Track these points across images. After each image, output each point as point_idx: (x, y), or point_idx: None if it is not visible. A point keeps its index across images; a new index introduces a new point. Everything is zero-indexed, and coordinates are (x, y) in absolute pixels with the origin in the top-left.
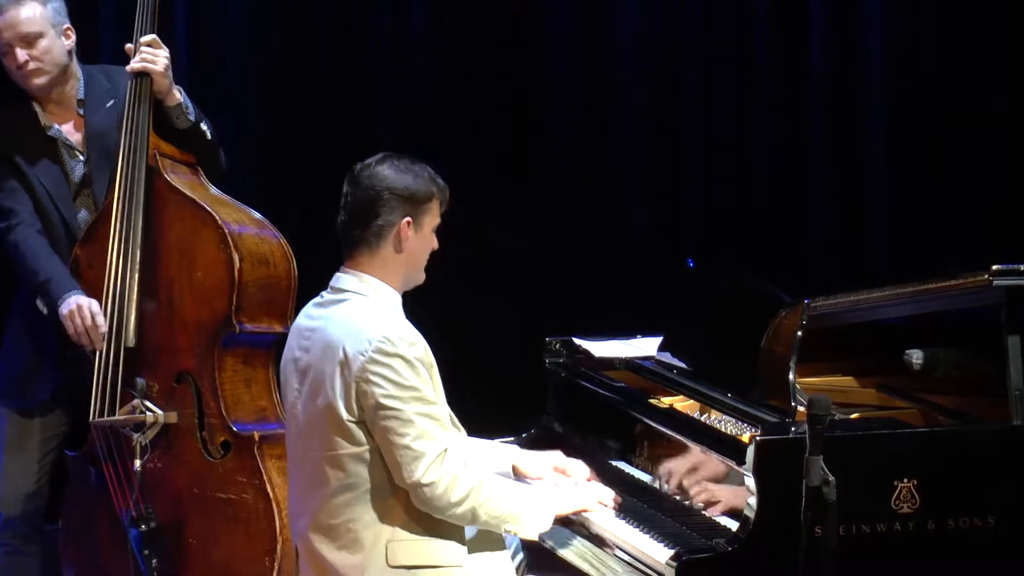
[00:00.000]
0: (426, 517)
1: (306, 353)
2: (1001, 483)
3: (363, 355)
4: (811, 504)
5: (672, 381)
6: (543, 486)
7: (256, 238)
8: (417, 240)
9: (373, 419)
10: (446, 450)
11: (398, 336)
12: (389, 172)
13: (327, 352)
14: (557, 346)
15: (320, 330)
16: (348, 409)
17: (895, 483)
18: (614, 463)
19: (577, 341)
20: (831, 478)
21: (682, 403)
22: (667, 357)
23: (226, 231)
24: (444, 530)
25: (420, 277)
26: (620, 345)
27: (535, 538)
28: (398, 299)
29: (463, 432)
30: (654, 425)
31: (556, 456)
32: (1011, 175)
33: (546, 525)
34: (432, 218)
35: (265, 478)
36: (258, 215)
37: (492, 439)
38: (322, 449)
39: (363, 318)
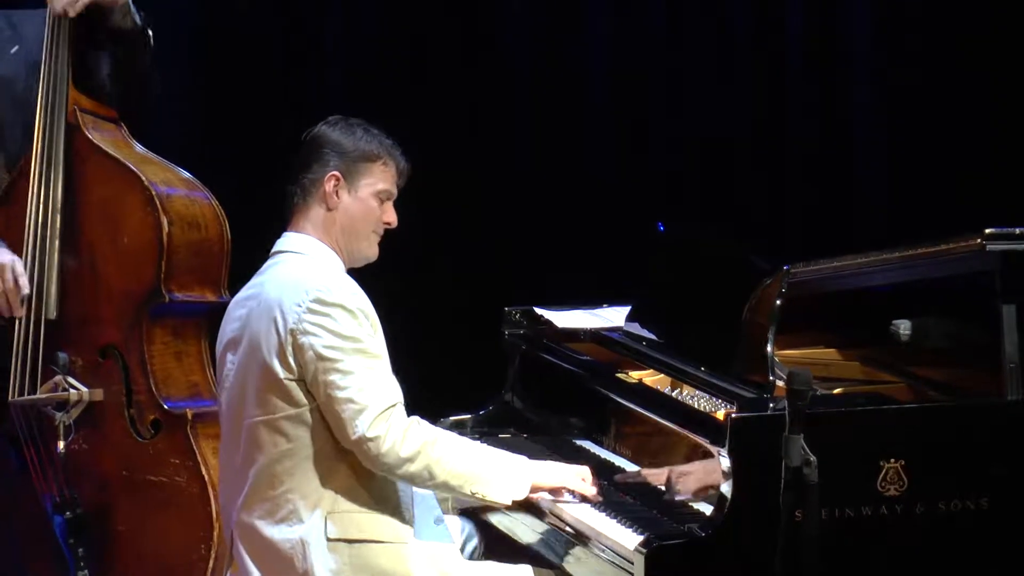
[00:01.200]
0: (371, 488)
1: (240, 322)
2: (995, 463)
3: (299, 305)
4: (791, 486)
5: (641, 354)
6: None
7: (186, 200)
8: (352, 202)
9: (313, 374)
10: (394, 404)
11: (337, 284)
12: (333, 131)
13: (263, 312)
14: (517, 316)
15: (255, 296)
16: (285, 366)
17: (881, 463)
18: (579, 442)
19: (539, 311)
20: (812, 458)
21: (652, 378)
22: (636, 328)
23: (153, 192)
24: (389, 504)
25: (367, 251)
26: (585, 315)
27: (507, 503)
28: (340, 264)
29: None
30: (622, 402)
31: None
32: (1001, 139)
33: (521, 492)
34: (374, 181)
35: (199, 459)
36: (187, 175)
37: (446, 417)
38: (258, 414)
39: (300, 272)
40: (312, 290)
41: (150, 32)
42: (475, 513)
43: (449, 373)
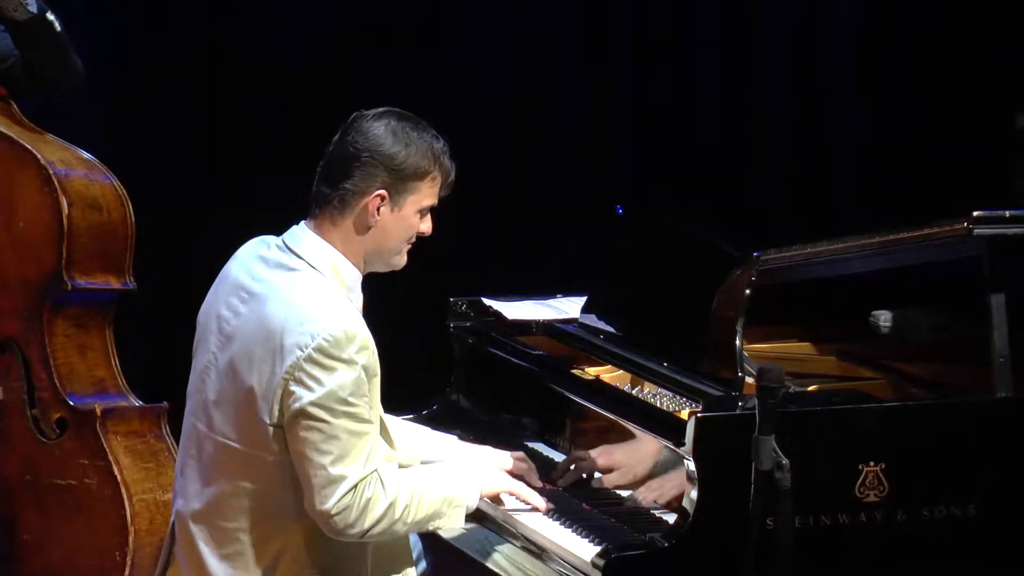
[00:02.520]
0: (326, 553)
1: (236, 317)
2: (983, 465)
3: (301, 350)
4: (761, 492)
5: (598, 348)
6: (461, 464)
7: (85, 180)
8: (393, 220)
9: (293, 423)
10: (368, 475)
11: (347, 337)
12: (382, 132)
13: (261, 331)
14: (463, 307)
15: (259, 298)
16: (268, 411)
17: (860, 467)
18: (531, 444)
19: (487, 301)
20: (785, 461)
21: (610, 374)
22: (592, 320)
23: (50, 172)
24: (344, 570)
25: (397, 262)
26: (537, 306)
27: (462, 526)
28: (358, 279)
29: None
30: (577, 400)
31: (499, 458)
32: (992, 118)
33: (473, 506)
34: (420, 198)
35: (111, 458)
36: (87, 155)
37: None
38: (228, 438)
39: (312, 303)
40: (319, 335)
41: (51, 17)
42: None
43: (388, 369)
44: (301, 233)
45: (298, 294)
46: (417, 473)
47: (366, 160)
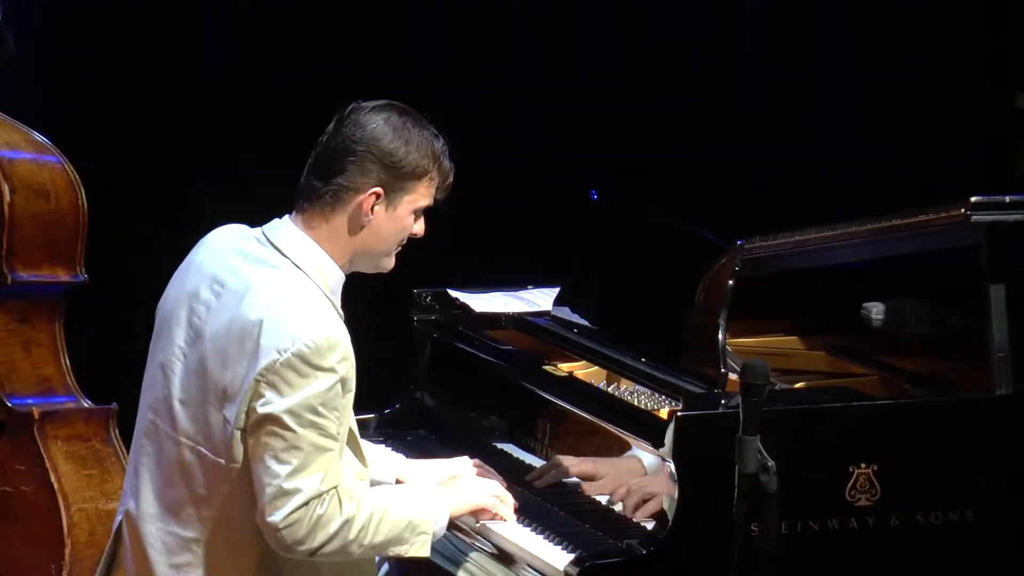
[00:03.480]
0: (288, 565)
1: (208, 311)
2: (982, 468)
3: (280, 352)
4: (746, 496)
5: (572, 343)
6: (424, 484)
7: (32, 164)
8: (387, 220)
9: (256, 428)
10: (323, 493)
11: (330, 345)
12: (381, 126)
13: (236, 329)
14: (428, 299)
15: (236, 294)
16: (235, 413)
17: (850, 469)
18: (500, 446)
19: (453, 293)
20: (771, 463)
21: (584, 370)
22: (565, 313)
23: None
24: None
25: (386, 265)
26: (507, 298)
27: (427, 555)
28: (340, 282)
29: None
30: (549, 398)
31: (441, 468)
32: (992, 95)
33: (440, 532)
34: (416, 199)
35: (49, 465)
36: (39, 137)
37: None
38: (193, 440)
39: (295, 305)
40: (300, 340)
41: None
42: None
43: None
44: (284, 227)
45: (280, 294)
46: (381, 493)
47: (363, 155)
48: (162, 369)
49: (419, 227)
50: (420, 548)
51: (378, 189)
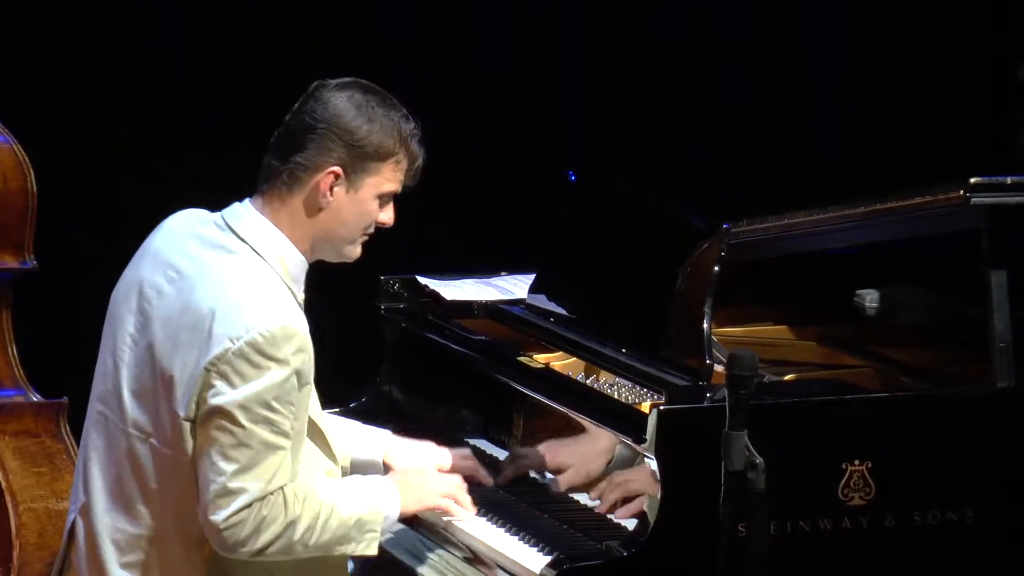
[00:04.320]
0: (244, 565)
1: (160, 297)
2: (982, 465)
3: (232, 341)
4: (732, 494)
5: (548, 333)
6: (378, 479)
7: None
8: (348, 202)
9: (205, 421)
10: (267, 496)
11: (285, 335)
12: (343, 104)
13: (189, 316)
14: (396, 287)
15: (190, 279)
16: (185, 403)
17: (843, 466)
18: (472, 441)
19: (422, 280)
20: (759, 460)
21: (561, 362)
22: (541, 301)
23: None
24: None
25: (350, 253)
26: (479, 285)
27: (374, 554)
28: (303, 269)
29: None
30: (524, 391)
31: (441, 456)
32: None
33: (388, 528)
34: (380, 182)
35: None
36: None
37: None
38: (143, 432)
39: (250, 292)
40: (254, 328)
41: None
42: None
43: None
44: (244, 211)
45: (235, 280)
46: (328, 490)
47: (322, 132)
48: (112, 358)
49: (387, 215)
50: (367, 546)
51: (337, 169)
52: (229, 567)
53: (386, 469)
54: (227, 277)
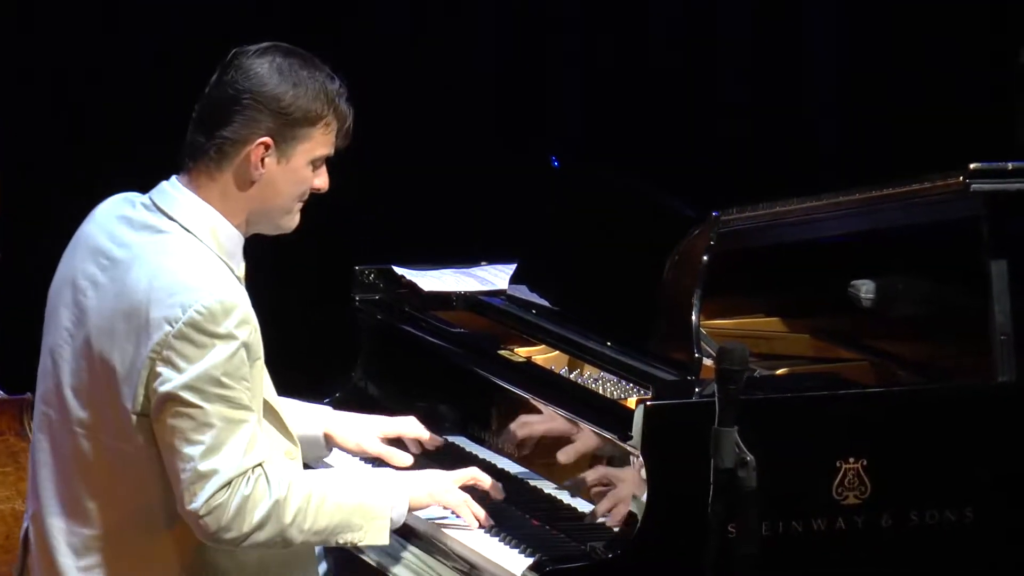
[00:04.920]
0: (216, 559)
1: (94, 288)
2: (982, 462)
3: (170, 324)
4: (722, 493)
5: (530, 325)
6: (385, 470)
7: None
8: (280, 172)
9: (160, 411)
10: (246, 470)
11: (224, 309)
12: (266, 71)
13: (124, 304)
14: (371, 277)
15: (122, 265)
16: (132, 396)
17: (838, 464)
18: (451, 439)
19: (399, 270)
20: (749, 458)
21: (544, 355)
22: (523, 292)
23: None
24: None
25: (287, 223)
26: (458, 276)
27: (385, 543)
28: (239, 243)
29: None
30: (505, 386)
31: (384, 422)
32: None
33: (399, 519)
34: (312, 147)
35: None
36: None
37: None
38: (86, 427)
39: (183, 271)
40: (190, 307)
41: None
42: None
43: (282, 350)
44: (172, 190)
45: (167, 260)
46: (323, 474)
47: (247, 103)
48: (51, 355)
49: (321, 180)
50: (377, 535)
51: (266, 139)
52: (199, 560)
53: (327, 444)
54: (158, 258)
